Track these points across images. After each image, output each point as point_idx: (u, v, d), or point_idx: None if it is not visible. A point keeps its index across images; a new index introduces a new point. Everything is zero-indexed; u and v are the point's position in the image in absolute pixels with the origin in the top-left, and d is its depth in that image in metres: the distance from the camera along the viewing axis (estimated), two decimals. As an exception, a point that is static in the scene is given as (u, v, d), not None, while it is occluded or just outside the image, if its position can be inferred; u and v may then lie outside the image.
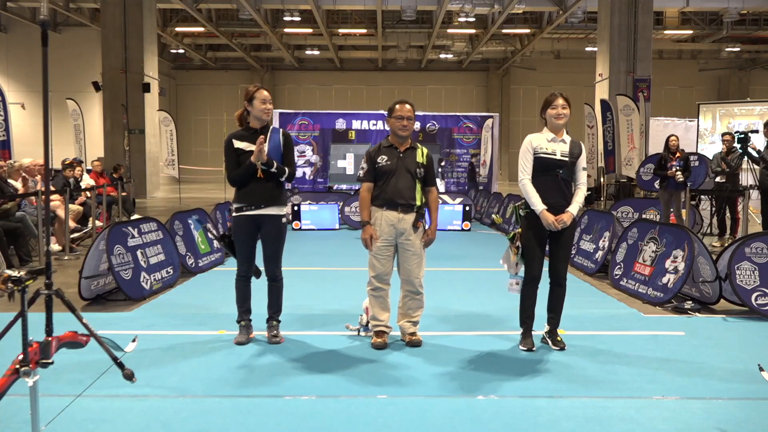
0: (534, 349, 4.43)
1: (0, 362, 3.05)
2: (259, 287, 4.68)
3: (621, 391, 3.67)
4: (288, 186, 4.85)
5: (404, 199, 4.46)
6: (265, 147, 4.30)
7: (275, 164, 4.34)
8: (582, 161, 4.41)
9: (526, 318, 4.53)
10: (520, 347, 4.47)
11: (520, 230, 4.45)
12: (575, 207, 4.37)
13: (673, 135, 9.81)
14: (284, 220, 4.51)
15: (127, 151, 20.54)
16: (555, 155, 4.33)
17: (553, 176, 4.32)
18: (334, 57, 31.35)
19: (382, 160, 4.50)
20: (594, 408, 3.42)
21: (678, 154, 9.57)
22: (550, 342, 4.55)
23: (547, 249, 4.49)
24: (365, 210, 4.53)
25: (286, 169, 4.43)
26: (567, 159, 4.32)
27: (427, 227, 4.58)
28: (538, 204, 4.30)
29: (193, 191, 24.05)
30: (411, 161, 4.51)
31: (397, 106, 4.53)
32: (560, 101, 4.38)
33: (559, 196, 4.33)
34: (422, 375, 3.93)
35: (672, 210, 9.70)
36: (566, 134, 4.43)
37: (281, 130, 4.52)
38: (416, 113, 4.74)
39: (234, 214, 4.45)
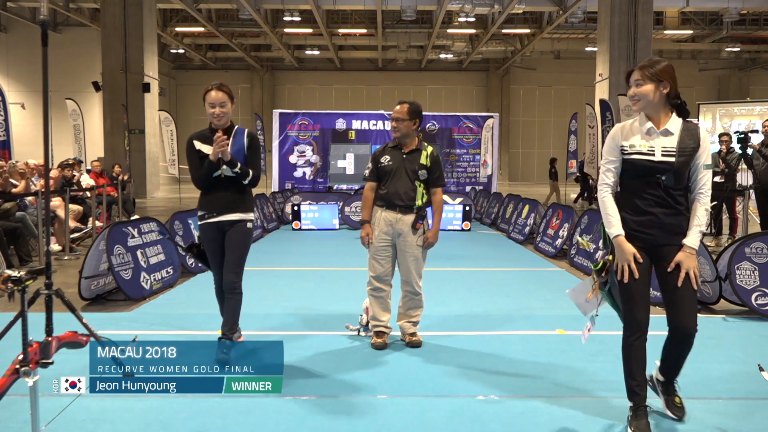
0: None
1: (0, 362, 3.05)
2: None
3: (621, 391, 3.65)
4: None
5: (402, 200, 4.46)
6: (228, 147, 3.97)
7: (239, 165, 4.01)
8: (702, 155, 3.00)
9: (636, 386, 3.06)
10: (629, 431, 3.05)
11: (610, 257, 3.15)
12: (695, 237, 2.99)
13: None
14: (249, 225, 4.17)
15: (127, 151, 20.54)
16: (653, 155, 2.97)
17: (652, 184, 3.00)
18: (334, 57, 31.35)
19: (385, 160, 4.54)
20: (594, 408, 3.41)
21: None
22: (663, 402, 3.28)
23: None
24: (366, 209, 4.58)
25: (250, 171, 4.07)
26: (673, 159, 2.95)
27: (429, 228, 4.57)
28: (613, 225, 3.03)
29: (193, 191, 23.92)
30: (414, 163, 4.51)
31: (394, 107, 4.57)
32: (635, 75, 3.02)
33: (661, 211, 2.99)
34: (422, 375, 3.93)
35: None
36: (675, 117, 3.03)
37: (247, 131, 4.16)
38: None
39: (199, 222, 4.20)
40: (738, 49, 29.30)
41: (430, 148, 4.61)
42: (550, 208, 10.09)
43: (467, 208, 12.36)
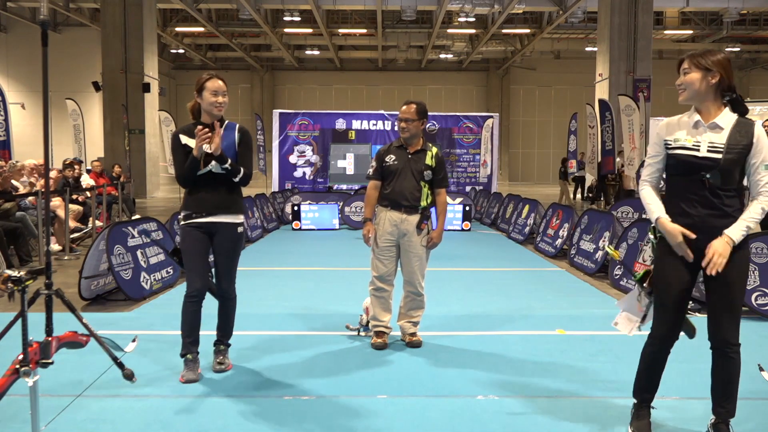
0: None
1: (0, 362, 3.05)
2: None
3: (621, 391, 3.67)
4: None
5: (408, 201, 4.46)
6: (218, 141, 3.71)
7: (229, 161, 3.76)
8: (758, 154, 2.75)
9: (641, 388, 3.07)
10: (630, 430, 3.06)
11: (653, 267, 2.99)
12: (738, 229, 2.79)
13: None
14: (240, 229, 3.90)
15: (127, 151, 20.55)
16: (697, 150, 2.76)
17: (697, 183, 2.78)
18: (334, 57, 31.34)
19: (390, 159, 4.53)
20: (594, 408, 3.41)
21: None
22: None
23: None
24: (369, 207, 4.58)
25: (241, 169, 3.82)
26: (720, 156, 2.73)
27: (432, 229, 4.57)
28: (653, 212, 2.89)
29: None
30: (419, 163, 4.50)
31: (401, 107, 4.56)
32: (684, 64, 2.82)
33: (707, 213, 2.79)
34: (422, 375, 3.93)
35: None
36: (729, 111, 2.79)
37: (238, 125, 3.92)
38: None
39: (182, 223, 3.86)
40: (738, 49, 29.29)
41: (434, 149, 4.60)
42: (550, 208, 10.10)
43: (467, 208, 12.36)
